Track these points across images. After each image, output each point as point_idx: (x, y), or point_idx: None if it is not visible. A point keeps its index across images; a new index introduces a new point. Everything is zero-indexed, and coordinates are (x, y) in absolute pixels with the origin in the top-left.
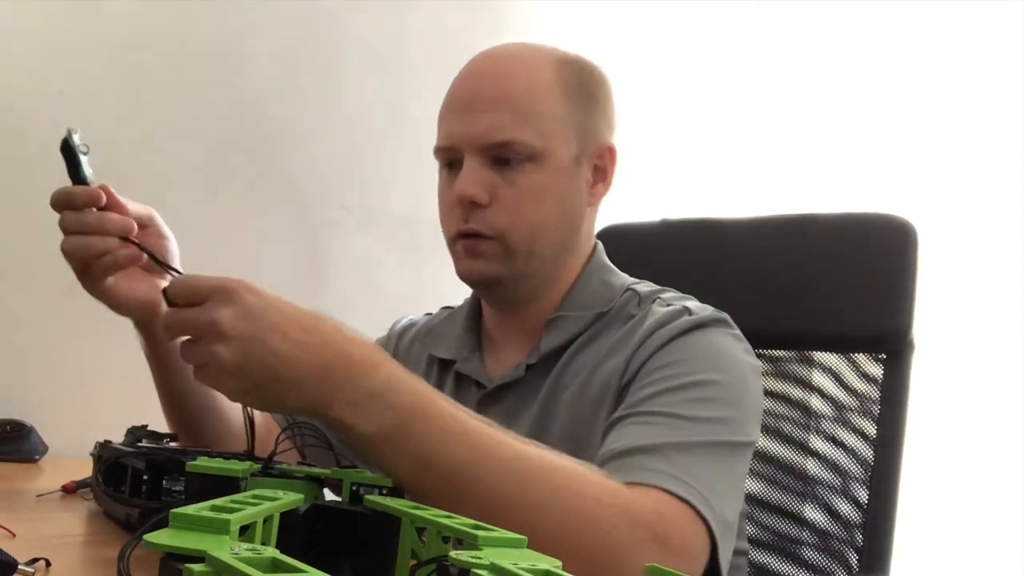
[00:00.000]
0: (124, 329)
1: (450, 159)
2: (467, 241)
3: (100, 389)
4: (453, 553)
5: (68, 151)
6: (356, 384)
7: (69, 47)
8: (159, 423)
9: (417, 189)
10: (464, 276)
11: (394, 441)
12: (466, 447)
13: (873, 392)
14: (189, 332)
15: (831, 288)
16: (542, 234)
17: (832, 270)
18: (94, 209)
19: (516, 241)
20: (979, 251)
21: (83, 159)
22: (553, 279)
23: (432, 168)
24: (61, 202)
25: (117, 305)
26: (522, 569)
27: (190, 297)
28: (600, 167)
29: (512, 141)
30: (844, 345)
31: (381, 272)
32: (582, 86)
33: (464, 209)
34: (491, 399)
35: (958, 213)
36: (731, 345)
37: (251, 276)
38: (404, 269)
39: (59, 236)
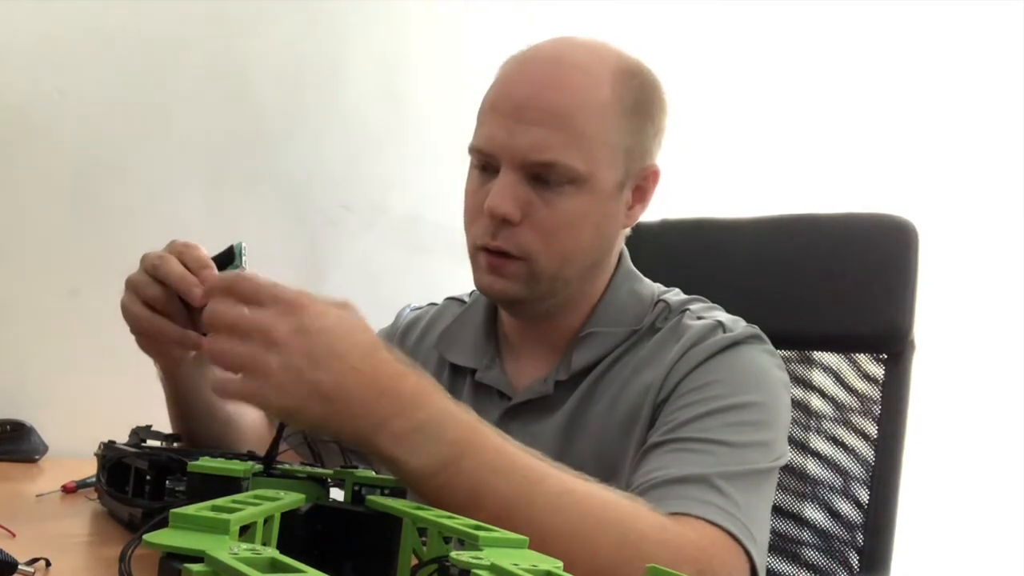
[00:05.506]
0: (124, 329)
1: (485, 163)
2: (491, 257)
3: (100, 389)
4: (454, 553)
5: (230, 256)
6: (403, 418)
7: (69, 47)
8: (160, 423)
9: (418, 189)
10: (484, 291)
11: (443, 477)
12: (516, 482)
13: (874, 392)
14: (236, 329)
15: (832, 288)
16: (572, 261)
17: (833, 270)
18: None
19: (544, 266)
20: (979, 251)
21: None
22: (580, 296)
23: (433, 168)
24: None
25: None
26: (523, 570)
27: (249, 297)
28: (641, 188)
29: (555, 163)
30: (845, 345)
31: (382, 272)
32: (639, 103)
33: (493, 223)
34: (515, 411)
35: (958, 213)
36: (766, 362)
37: None
38: (405, 269)
39: (59, 236)
